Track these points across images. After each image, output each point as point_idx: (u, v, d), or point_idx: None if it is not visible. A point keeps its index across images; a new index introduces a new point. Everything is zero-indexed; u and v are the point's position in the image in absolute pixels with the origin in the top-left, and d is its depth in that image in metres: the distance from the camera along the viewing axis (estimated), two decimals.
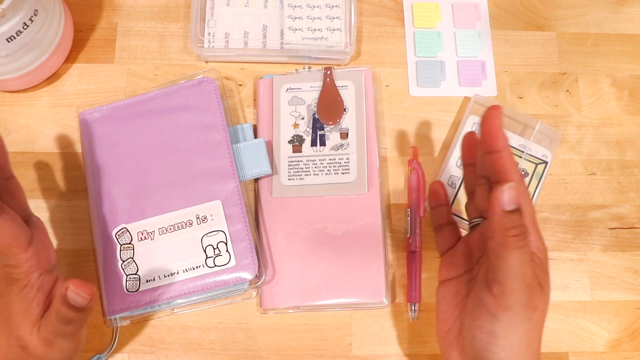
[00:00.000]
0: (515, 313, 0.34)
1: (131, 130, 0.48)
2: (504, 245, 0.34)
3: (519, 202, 0.34)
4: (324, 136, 0.50)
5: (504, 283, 0.34)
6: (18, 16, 0.43)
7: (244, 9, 0.53)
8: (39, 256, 0.38)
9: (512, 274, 0.34)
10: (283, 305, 0.46)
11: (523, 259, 0.34)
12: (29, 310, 0.37)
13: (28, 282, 0.37)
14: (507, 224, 0.34)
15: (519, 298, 0.34)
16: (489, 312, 0.35)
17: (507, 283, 0.34)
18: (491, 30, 0.55)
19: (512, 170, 0.37)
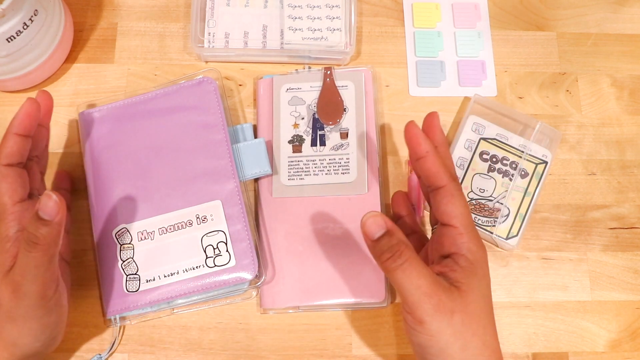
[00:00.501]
0: (428, 323, 0.35)
1: (131, 130, 0.48)
2: (385, 270, 0.36)
3: (384, 226, 0.35)
4: (324, 136, 0.50)
5: (405, 300, 0.35)
6: (18, 16, 0.43)
7: (244, 9, 0.53)
8: (23, 214, 0.39)
9: (406, 291, 0.35)
10: (283, 305, 0.46)
11: (406, 274, 0.35)
12: (1, 262, 0.38)
13: (6, 235, 0.38)
14: (378, 251, 0.35)
15: (424, 309, 0.35)
16: (410, 327, 0.36)
17: (408, 299, 0.35)
18: (491, 30, 0.55)
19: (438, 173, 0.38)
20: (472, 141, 0.50)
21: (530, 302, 0.48)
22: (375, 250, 0.36)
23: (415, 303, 0.35)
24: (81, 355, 0.46)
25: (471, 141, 0.50)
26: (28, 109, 0.40)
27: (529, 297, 0.48)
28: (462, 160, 0.50)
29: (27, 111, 0.40)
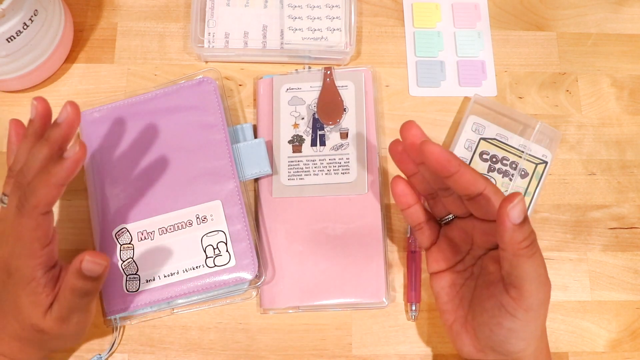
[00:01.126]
0: (534, 311, 0.36)
1: (131, 130, 0.48)
2: (517, 256, 0.35)
3: (525, 212, 0.34)
4: (324, 136, 0.50)
5: (522, 287, 0.36)
6: (18, 16, 0.43)
7: (244, 9, 0.53)
8: (50, 255, 0.38)
9: (529, 279, 0.35)
10: (283, 305, 0.46)
11: (537, 264, 0.35)
12: (38, 303, 0.38)
13: (34, 278, 0.38)
14: (519, 237, 0.34)
15: (538, 298, 0.36)
16: (508, 312, 0.37)
17: (525, 287, 0.35)
18: (491, 30, 0.55)
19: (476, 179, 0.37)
20: (472, 141, 0.50)
21: None
22: (515, 235, 0.34)
23: (532, 291, 0.35)
24: (81, 355, 0.46)
25: (471, 141, 0.50)
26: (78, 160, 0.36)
27: None
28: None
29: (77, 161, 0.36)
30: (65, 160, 0.36)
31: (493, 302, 0.38)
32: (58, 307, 0.38)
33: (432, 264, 0.43)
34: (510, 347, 0.38)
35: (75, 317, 0.39)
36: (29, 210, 0.36)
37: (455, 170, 0.36)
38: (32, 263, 0.37)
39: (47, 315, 0.38)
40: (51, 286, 0.38)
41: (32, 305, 0.38)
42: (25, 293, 0.38)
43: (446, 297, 0.42)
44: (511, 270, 0.36)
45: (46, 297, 0.38)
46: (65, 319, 0.39)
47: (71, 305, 0.38)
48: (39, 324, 0.38)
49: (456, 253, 0.42)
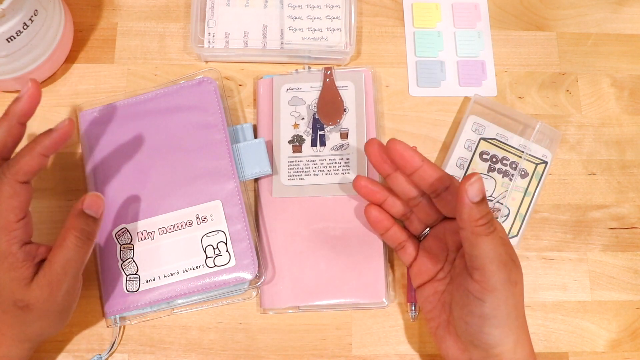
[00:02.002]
0: (499, 292, 0.37)
1: (131, 130, 0.48)
2: (476, 234, 0.36)
3: (483, 192, 0.36)
4: (324, 136, 0.50)
5: (484, 267, 0.36)
6: (18, 16, 0.43)
7: (244, 9, 0.53)
8: (25, 229, 0.39)
9: (489, 258, 0.36)
10: (283, 305, 0.46)
11: (495, 242, 0.36)
12: (19, 277, 0.38)
13: (10, 253, 0.38)
14: (476, 215, 0.36)
15: (500, 277, 0.36)
16: (475, 297, 0.37)
17: (487, 267, 0.36)
18: (491, 30, 0.55)
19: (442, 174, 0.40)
20: (472, 141, 0.50)
21: (530, 302, 0.48)
22: (473, 212, 0.36)
23: (493, 271, 0.36)
24: (81, 356, 0.46)
25: (471, 141, 0.50)
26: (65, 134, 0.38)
27: (529, 297, 0.48)
28: (462, 160, 0.50)
29: (64, 135, 0.38)
30: (53, 132, 0.38)
31: (461, 291, 0.38)
32: (48, 267, 0.38)
33: (416, 278, 0.44)
34: (488, 339, 0.38)
35: (65, 285, 0.38)
36: (8, 178, 0.37)
37: (419, 165, 0.40)
38: (7, 237, 0.37)
39: (34, 285, 0.38)
40: (30, 260, 0.38)
41: (13, 281, 0.38)
42: (4, 269, 0.37)
43: (430, 306, 0.43)
44: (471, 250, 0.36)
45: (27, 270, 0.38)
46: (57, 283, 0.38)
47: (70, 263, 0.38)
48: (23, 298, 0.38)
49: (436, 263, 0.43)
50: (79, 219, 0.39)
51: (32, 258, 0.39)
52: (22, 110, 0.39)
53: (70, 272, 0.39)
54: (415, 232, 0.45)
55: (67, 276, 0.38)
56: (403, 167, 0.40)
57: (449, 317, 0.41)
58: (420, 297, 0.44)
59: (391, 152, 0.40)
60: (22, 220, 0.38)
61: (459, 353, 0.40)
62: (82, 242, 0.39)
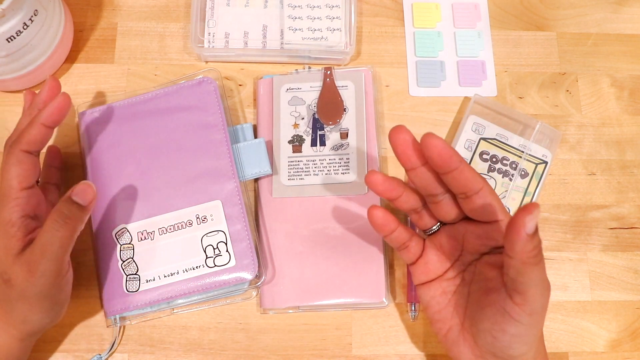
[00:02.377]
0: (538, 315, 0.36)
1: (131, 130, 0.48)
2: (526, 264, 0.34)
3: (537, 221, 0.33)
4: (324, 136, 0.50)
5: (526, 293, 0.35)
6: (18, 16, 0.43)
7: (244, 9, 0.53)
8: (29, 200, 0.40)
9: (534, 285, 0.35)
10: (283, 305, 0.46)
11: (542, 269, 0.35)
12: (10, 246, 0.38)
13: (9, 220, 0.38)
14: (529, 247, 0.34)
15: (541, 302, 0.36)
16: (512, 318, 0.36)
17: (530, 292, 0.35)
18: (491, 30, 0.55)
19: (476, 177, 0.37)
20: (472, 141, 0.50)
21: None
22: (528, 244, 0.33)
23: (536, 296, 0.35)
24: (81, 355, 0.46)
25: (471, 141, 0.50)
26: (61, 103, 0.40)
27: None
28: None
29: (60, 105, 0.40)
30: (51, 103, 0.40)
31: (495, 309, 0.37)
32: (31, 247, 0.38)
33: (420, 276, 0.42)
34: (513, 352, 0.37)
35: (44, 265, 0.38)
36: (14, 147, 0.39)
37: (456, 166, 0.36)
38: (8, 204, 0.39)
39: (17, 260, 0.38)
40: (24, 232, 0.39)
41: (4, 249, 0.38)
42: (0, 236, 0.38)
43: (437, 306, 0.41)
44: (517, 277, 0.35)
45: (17, 241, 0.38)
46: (33, 267, 0.38)
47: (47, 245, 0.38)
48: (7, 270, 0.38)
49: (444, 261, 0.41)
50: (63, 204, 0.39)
51: (27, 232, 0.39)
52: (42, 99, 0.42)
53: (48, 256, 0.38)
54: (424, 227, 0.42)
55: (43, 259, 0.38)
56: (439, 166, 0.36)
57: (464, 322, 0.40)
58: (425, 296, 0.42)
59: (428, 148, 0.36)
60: (27, 190, 0.39)
61: (473, 358, 0.39)
62: (59, 225, 0.38)
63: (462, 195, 0.38)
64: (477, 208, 0.38)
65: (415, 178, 0.39)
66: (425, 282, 0.42)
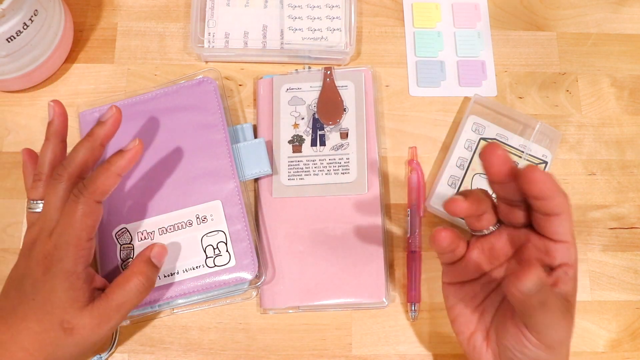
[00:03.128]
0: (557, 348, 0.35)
1: (131, 130, 0.48)
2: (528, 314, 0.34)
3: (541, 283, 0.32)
4: (324, 136, 0.50)
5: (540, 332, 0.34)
6: (18, 16, 0.43)
7: (244, 9, 0.53)
8: (91, 250, 0.39)
9: (545, 325, 0.34)
10: (283, 305, 0.46)
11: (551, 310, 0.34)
12: (77, 298, 0.38)
13: (75, 271, 0.38)
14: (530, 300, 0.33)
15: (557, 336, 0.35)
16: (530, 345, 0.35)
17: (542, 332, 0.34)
18: (491, 30, 0.55)
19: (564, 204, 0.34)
20: (472, 141, 0.50)
21: None
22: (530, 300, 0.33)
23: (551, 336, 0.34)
24: None
25: (471, 141, 0.50)
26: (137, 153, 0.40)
27: None
28: (462, 160, 0.50)
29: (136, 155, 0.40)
30: (127, 152, 0.39)
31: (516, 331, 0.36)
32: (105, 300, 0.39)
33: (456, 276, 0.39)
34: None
35: (114, 322, 0.39)
36: (87, 196, 0.38)
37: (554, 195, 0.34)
38: (76, 254, 0.38)
39: (86, 311, 0.38)
40: (88, 283, 0.39)
41: (69, 299, 0.38)
42: (64, 287, 0.38)
43: (465, 309, 0.39)
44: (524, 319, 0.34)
45: (83, 294, 0.38)
46: (107, 318, 0.38)
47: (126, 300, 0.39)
48: (72, 320, 0.38)
49: (486, 264, 0.39)
50: (146, 265, 0.41)
51: (90, 282, 0.39)
52: (105, 133, 0.41)
53: (123, 312, 0.39)
54: (479, 228, 0.38)
55: (119, 314, 0.39)
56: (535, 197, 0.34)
57: (490, 330, 0.38)
58: (454, 297, 0.40)
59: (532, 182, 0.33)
60: (91, 241, 0.39)
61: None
62: (144, 288, 0.40)
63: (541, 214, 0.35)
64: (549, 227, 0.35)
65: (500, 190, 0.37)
66: (457, 282, 0.40)
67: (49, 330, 0.38)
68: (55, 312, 0.38)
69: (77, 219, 0.38)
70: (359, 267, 0.47)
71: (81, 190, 0.38)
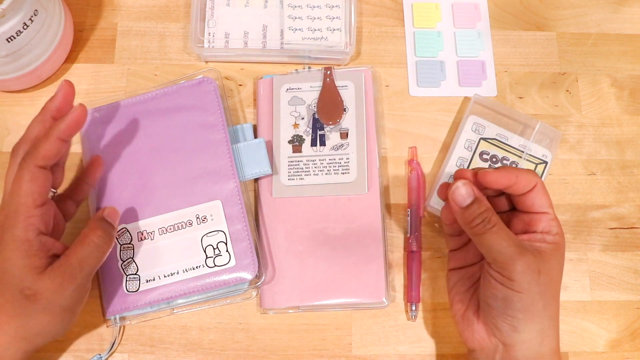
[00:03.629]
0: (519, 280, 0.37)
1: (131, 130, 0.48)
2: (474, 234, 0.38)
3: (472, 194, 0.38)
4: (324, 136, 0.50)
5: (495, 259, 0.38)
6: (18, 16, 0.43)
7: (244, 9, 0.53)
8: (42, 217, 0.39)
9: (496, 252, 0.38)
10: (283, 305, 0.46)
11: (498, 236, 0.38)
12: (33, 264, 0.38)
13: (27, 239, 0.38)
14: (469, 217, 0.38)
15: (515, 267, 0.37)
16: (497, 282, 0.38)
17: (498, 259, 0.38)
18: (491, 30, 0.55)
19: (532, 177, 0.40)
20: (472, 141, 0.50)
21: None
22: (465, 216, 0.38)
23: (507, 262, 0.37)
24: (81, 355, 0.46)
25: (471, 141, 0.50)
26: (79, 116, 0.40)
27: None
28: (462, 160, 0.50)
29: (77, 118, 0.40)
30: (68, 116, 0.39)
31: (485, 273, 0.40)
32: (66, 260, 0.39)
33: (458, 261, 0.44)
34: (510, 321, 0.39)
35: (77, 280, 0.39)
36: (29, 162, 0.38)
37: (515, 181, 0.39)
38: (25, 221, 0.38)
39: (45, 274, 0.38)
40: (45, 251, 0.39)
41: (25, 267, 0.38)
42: (18, 255, 0.38)
43: (462, 287, 0.43)
44: (479, 247, 0.39)
45: (40, 260, 0.38)
46: (70, 277, 0.38)
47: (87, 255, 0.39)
48: (32, 286, 0.38)
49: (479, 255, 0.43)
50: (101, 222, 0.41)
51: (47, 250, 0.39)
52: (56, 106, 0.41)
53: (85, 269, 0.39)
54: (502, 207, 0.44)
55: (81, 272, 0.39)
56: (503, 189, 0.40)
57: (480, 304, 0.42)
58: (453, 278, 0.44)
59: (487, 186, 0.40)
60: (41, 207, 0.39)
61: (486, 337, 0.40)
62: (103, 242, 0.40)
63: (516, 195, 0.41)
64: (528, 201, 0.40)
65: None
66: (456, 267, 0.44)
67: (11, 300, 0.38)
68: (13, 281, 0.38)
69: (22, 186, 0.38)
70: (359, 267, 0.47)
71: (25, 158, 0.38)
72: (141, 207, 0.46)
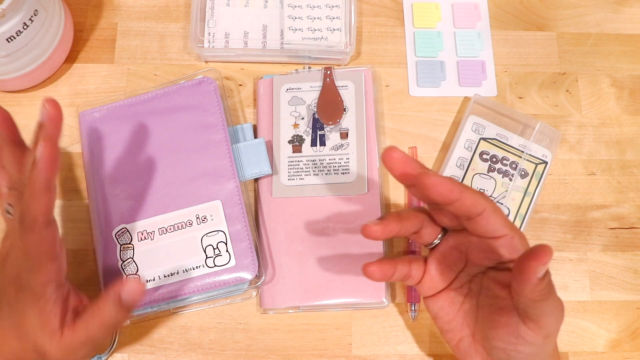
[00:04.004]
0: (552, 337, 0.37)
1: (131, 130, 0.48)
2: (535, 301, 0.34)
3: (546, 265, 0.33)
4: (324, 136, 0.50)
5: (540, 321, 0.35)
6: (18, 16, 0.43)
7: (244, 9, 0.53)
8: (59, 269, 0.37)
9: (547, 314, 0.35)
10: (283, 305, 0.46)
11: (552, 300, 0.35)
12: (47, 323, 0.36)
13: (43, 295, 0.36)
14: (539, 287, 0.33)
15: (555, 326, 0.36)
16: (526, 340, 0.36)
17: (543, 320, 0.35)
18: (491, 30, 0.55)
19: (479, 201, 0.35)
20: (472, 141, 0.50)
21: None
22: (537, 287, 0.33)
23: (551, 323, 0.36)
24: None
25: (471, 141, 0.50)
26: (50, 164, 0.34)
27: None
28: (462, 161, 0.50)
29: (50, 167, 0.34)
30: (38, 163, 0.33)
31: (509, 331, 0.37)
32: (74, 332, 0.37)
33: (427, 290, 0.41)
34: None
35: (84, 350, 0.38)
36: (30, 225, 0.34)
37: (457, 197, 0.34)
38: (42, 278, 0.36)
39: (56, 341, 0.36)
40: (60, 305, 0.37)
41: (40, 324, 0.36)
42: (34, 311, 0.36)
43: (447, 317, 0.41)
44: (528, 310, 0.35)
45: (54, 317, 0.37)
46: (74, 351, 0.37)
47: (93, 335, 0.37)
48: (43, 346, 0.36)
49: (449, 272, 0.40)
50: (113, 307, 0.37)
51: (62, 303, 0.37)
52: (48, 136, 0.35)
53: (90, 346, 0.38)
54: (425, 242, 0.41)
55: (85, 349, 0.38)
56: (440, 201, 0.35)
57: (474, 334, 0.40)
58: (434, 307, 0.41)
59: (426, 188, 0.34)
60: (56, 261, 0.36)
61: None
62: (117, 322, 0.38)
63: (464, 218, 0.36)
64: (479, 228, 0.36)
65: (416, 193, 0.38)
66: (433, 294, 0.41)
67: (27, 351, 0.37)
68: (28, 336, 0.37)
69: (32, 249, 0.35)
70: (359, 267, 0.47)
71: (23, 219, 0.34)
72: (141, 207, 0.46)
